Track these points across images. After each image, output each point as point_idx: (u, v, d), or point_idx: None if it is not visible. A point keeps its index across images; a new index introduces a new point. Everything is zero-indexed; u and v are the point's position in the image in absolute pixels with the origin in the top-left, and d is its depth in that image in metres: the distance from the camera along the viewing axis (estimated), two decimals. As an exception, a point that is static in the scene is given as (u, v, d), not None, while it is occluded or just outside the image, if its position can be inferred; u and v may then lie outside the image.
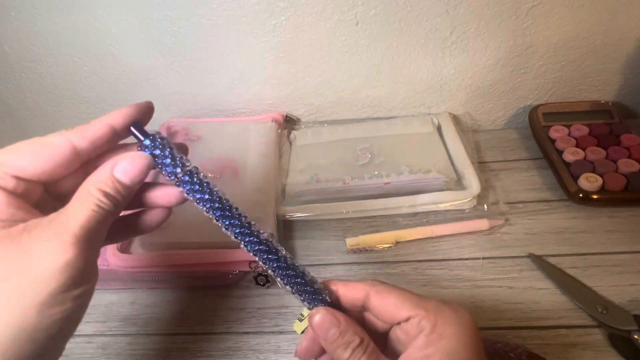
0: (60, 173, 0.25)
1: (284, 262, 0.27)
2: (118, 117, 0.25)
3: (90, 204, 0.23)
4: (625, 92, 0.61)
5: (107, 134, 0.25)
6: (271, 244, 0.27)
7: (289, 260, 0.27)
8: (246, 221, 0.26)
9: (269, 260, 0.27)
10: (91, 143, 0.25)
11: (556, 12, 0.53)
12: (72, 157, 0.24)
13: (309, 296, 0.27)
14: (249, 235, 0.26)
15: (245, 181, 0.51)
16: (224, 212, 0.26)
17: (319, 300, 0.27)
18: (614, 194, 0.48)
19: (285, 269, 0.27)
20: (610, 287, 0.41)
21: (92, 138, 0.25)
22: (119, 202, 0.24)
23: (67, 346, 0.43)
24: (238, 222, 0.26)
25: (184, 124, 0.61)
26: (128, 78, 0.61)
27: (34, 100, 0.64)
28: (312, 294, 0.27)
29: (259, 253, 0.27)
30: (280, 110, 0.64)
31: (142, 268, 0.44)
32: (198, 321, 0.43)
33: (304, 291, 0.27)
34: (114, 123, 0.25)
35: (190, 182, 0.26)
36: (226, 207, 0.26)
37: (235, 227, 0.26)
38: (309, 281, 0.27)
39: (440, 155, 0.55)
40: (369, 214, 0.51)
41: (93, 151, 0.25)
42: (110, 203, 0.23)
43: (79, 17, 0.55)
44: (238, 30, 0.55)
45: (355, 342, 0.26)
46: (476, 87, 0.60)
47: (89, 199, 0.23)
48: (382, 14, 0.53)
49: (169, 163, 0.25)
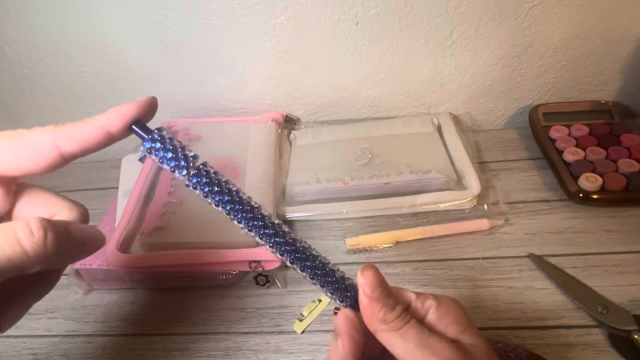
0: (39, 172, 0.22)
1: (313, 261, 0.26)
2: (115, 120, 0.22)
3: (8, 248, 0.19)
4: (625, 92, 0.61)
5: (99, 137, 0.22)
6: (294, 241, 0.25)
7: (318, 258, 0.26)
8: (269, 221, 0.25)
9: (296, 260, 0.26)
10: (79, 147, 0.22)
11: (556, 12, 0.53)
12: (55, 159, 0.21)
13: (340, 293, 0.27)
14: (275, 235, 0.25)
15: (245, 181, 0.51)
16: (245, 212, 0.24)
17: (350, 296, 0.27)
18: (614, 194, 0.48)
19: (314, 267, 0.26)
20: (610, 287, 0.41)
21: (81, 141, 0.21)
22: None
23: (67, 346, 0.43)
24: (262, 222, 0.24)
25: (184, 124, 0.61)
26: (128, 78, 0.61)
27: (34, 100, 0.64)
28: (344, 291, 0.27)
29: (286, 253, 0.25)
30: (280, 110, 0.64)
31: (142, 268, 0.44)
32: (198, 321, 0.43)
33: (336, 288, 0.27)
34: (110, 127, 0.22)
35: (200, 181, 0.23)
36: (246, 205, 0.24)
37: (259, 228, 0.24)
38: (339, 278, 0.27)
39: (440, 155, 0.55)
40: (369, 214, 0.51)
41: (80, 154, 0.22)
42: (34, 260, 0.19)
43: (79, 17, 0.55)
44: (238, 30, 0.55)
45: (400, 306, 0.25)
46: (476, 87, 0.60)
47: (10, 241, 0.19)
48: (382, 14, 0.53)
49: (174, 165, 0.23)
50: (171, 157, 0.23)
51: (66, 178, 0.65)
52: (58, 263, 0.22)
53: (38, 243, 0.19)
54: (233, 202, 0.24)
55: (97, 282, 0.47)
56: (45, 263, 0.20)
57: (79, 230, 0.22)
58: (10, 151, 0.21)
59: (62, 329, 0.44)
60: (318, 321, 0.42)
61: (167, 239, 0.46)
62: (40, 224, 0.19)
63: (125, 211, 0.49)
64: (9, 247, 0.18)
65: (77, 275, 0.46)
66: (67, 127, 0.21)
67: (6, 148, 0.21)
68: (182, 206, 0.49)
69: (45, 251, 0.19)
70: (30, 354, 0.42)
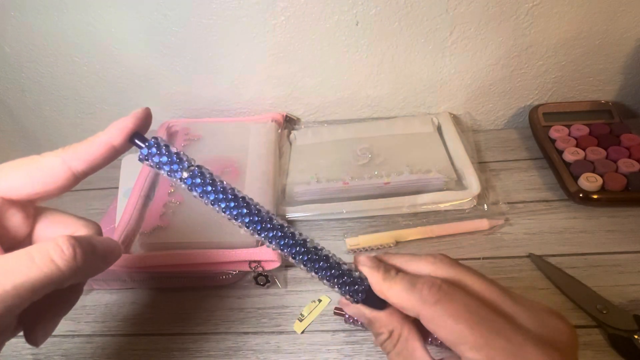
0: (55, 193, 0.24)
1: (315, 255, 0.26)
2: (116, 134, 0.23)
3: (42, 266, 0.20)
4: (625, 92, 0.61)
5: (105, 153, 0.24)
6: (296, 236, 0.26)
7: (321, 252, 0.26)
8: (267, 216, 0.25)
9: (297, 253, 0.26)
10: (89, 165, 0.23)
11: (556, 12, 0.53)
12: (68, 179, 0.23)
13: (347, 287, 0.26)
14: (272, 229, 0.25)
15: (245, 181, 0.51)
16: (241, 209, 0.25)
17: (359, 291, 0.26)
18: (614, 194, 0.48)
19: (318, 262, 0.26)
20: (610, 287, 0.41)
21: (90, 159, 0.23)
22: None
23: (67, 346, 0.43)
24: (258, 217, 0.25)
25: (184, 124, 0.61)
26: (128, 78, 0.61)
27: (34, 100, 0.64)
28: (350, 285, 0.26)
29: (286, 247, 0.25)
30: (280, 110, 0.64)
31: (142, 268, 0.44)
32: (198, 321, 0.43)
33: (342, 283, 0.26)
34: (113, 141, 0.23)
35: (195, 182, 0.25)
36: (241, 202, 0.25)
37: (255, 224, 0.25)
38: (346, 271, 0.26)
39: (440, 155, 0.55)
40: (369, 214, 0.51)
41: (91, 171, 0.24)
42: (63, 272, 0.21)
43: (79, 17, 0.55)
44: (238, 30, 0.55)
45: (382, 336, 0.24)
46: (476, 87, 0.60)
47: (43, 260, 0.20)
48: (382, 14, 0.53)
49: (168, 169, 0.25)
50: (166, 161, 0.24)
51: (66, 178, 0.65)
52: (85, 276, 0.24)
53: (69, 259, 0.21)
54: (228, 200, 0.24)
55: (97, 282, 0.47)
56: (76, 277, 0.22)
57: (101, 243, 0.24)
58: (25, 177, 0.23)
59: (62, 329, 0.44)
60: (318, 321, 0.42)
61: (167, 239, 0.46)
62: (68, 241, 0.21)
63: (125, 211, 0.49)
64: (46, 266, 0.20)
65: (77, 275, 0.46)
66: (75, 148, 0.23)
67: (21, 174, 0.23)
68: (182, 206, 0.49)
69: (76, 265, 0.21)
70: (30, 354, 0.42)
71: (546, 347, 0.20)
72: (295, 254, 0.26)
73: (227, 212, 0.25)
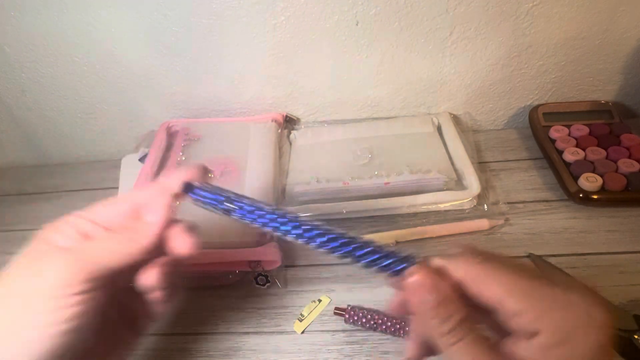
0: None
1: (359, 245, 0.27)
2: (175, 183, 0.29)
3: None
4: (625, 92, 0.61)
5: (168, 201, 0.29)
6: (336, 232, 0.29)
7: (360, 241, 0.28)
8: (312, 223, 0.29)
9: (339, 250, 0.28)
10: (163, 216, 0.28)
11: (556, 12, 0.53)
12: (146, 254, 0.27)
13: (395, 266, 0.25)
14: (319, 235, 0.29)
15: (245, 181, 0.51)
16: (262, 215, 0.28)
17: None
18: (614, 194, 0.48)
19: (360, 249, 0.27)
20: (610, 287, 0.41)
21: (160, 210, 0.28)
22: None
23: (67, 346, 0.43)
24: (296, 222, 0.29)
25: (184, 124, 0.61)
26: (128, 78, 0.61)
27: (34, 100, 0.64)
28: (400, 262, 0.25)
29: (333, 249, 0.28)
30: (280, 110, 0.64)
31: (142, 268, 0.44)
32: (198, 321, 0.43)
33: (388, 266, 0.25)
34: (171, 190, 0.29)
35: (235, 211, 0.29)
36: (257, 209, 0.28)
37: (304, 235, 0.29)
38: (391, 252, 0.25)
39: (440, 155, 0.55)
40: (369, 214, 0.51)
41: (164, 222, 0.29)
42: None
43: (79, 17, 0.55)
44: (238, 30, 0.55)
45: (456, 317, 0.21)
46: (476, 87, 0.60)
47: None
48: (382, 14, 0.53)
49: (217, 208, 0.30)
50: (210, 198, 0.30)
51: (66, 178, 0.66)
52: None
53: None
54: (252, 212, 0.29)
55: (97, 282, 0.47)
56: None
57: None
58: (119, 256, 0.27)
59: (62, 329, 0.44)
60: (318, 321, 0.42)
61: (167, 239, 0.46)
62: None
63: (125, 211, 0.49)
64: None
65: (77, 275, 0.46)
66: (150, 205, 0.28)
67: (118, 254, 0.27)
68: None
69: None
70: (30, 354, 0.42)
71: (587, 305, 0.21)
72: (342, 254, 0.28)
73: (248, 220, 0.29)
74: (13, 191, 0.65)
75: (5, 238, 0.56)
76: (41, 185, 0.65)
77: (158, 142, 0.57)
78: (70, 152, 0.71)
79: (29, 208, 0.61)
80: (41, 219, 0.62)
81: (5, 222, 0.59)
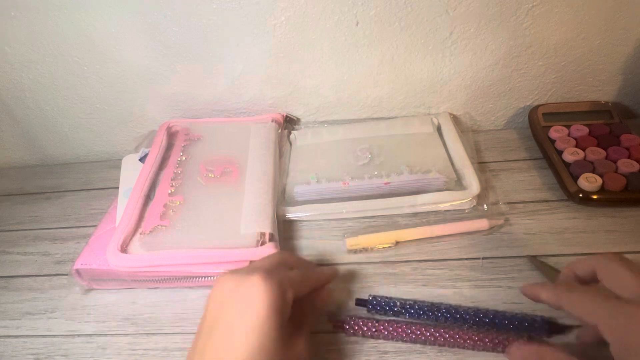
0: None
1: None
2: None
3: None
4: (625, 92, 0.61)
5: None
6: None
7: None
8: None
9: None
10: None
11: (556, 12, 0.53)
12: None
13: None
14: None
15: (245, 181, 0.51)
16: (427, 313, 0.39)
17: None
18: (614, 194, 0.48)
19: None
20: (610, 287, 0.41)
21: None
22: None
23: (67, 346, 0.43)
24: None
25: (184, 124, 0.61)
26: (128, 78, 0.61)
27: (34, 100, 0.64)
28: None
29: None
30: (280, 110, 0.64)
31: (142, 268, 0.44)
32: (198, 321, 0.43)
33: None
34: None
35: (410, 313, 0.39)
36: (427, 309, 0.39)
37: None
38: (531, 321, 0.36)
39: (440, 155, 0.55)
40: (369, 214, 0.51)
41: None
42: None
43: (79, 17, 0.55)
44: (238, 30, 0.56)
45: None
46: (476, 87, 0.60)
47: None
48: (382, 14, 0.53)
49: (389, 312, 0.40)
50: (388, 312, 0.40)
51: (66, 178, 0.66)
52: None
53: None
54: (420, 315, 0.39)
55: (97, 282, 0.47)
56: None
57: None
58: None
59: (62, 329, 0.44)
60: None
61: (167, 239, 0.46)
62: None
63: (125, 211, 0.49)
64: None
65: (77, 275, 0.46)
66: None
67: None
68: (182, 206, 0.49)
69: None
70: (30, 354, 0.42)
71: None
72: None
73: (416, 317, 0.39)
74: (13, 191, 0.65)
75: (5, 238, 0.56)
76: (41, 185, 0.65)
77: (158, 142, 0.57)
78: (70, 152, 0.71)
79: (29, 208, 0.61)
80: (41, 219, 0.63)
81: (5, 222, 0.59)
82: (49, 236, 0.55)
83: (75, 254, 0.48)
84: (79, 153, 0.71)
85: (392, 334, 0.38)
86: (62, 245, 0.54)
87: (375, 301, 0.40)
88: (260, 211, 0.47)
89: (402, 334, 0.38)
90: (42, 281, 0.50)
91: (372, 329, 0.39)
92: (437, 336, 0.37)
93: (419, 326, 0.38)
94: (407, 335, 0.38)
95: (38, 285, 0.49)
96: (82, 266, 0.45)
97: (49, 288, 0.49)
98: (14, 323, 0.45)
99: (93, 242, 0.48)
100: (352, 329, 0.39)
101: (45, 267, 0.51)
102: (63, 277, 0.50)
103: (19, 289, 0.49)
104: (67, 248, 0.53)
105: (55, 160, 0.72)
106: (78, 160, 0.71)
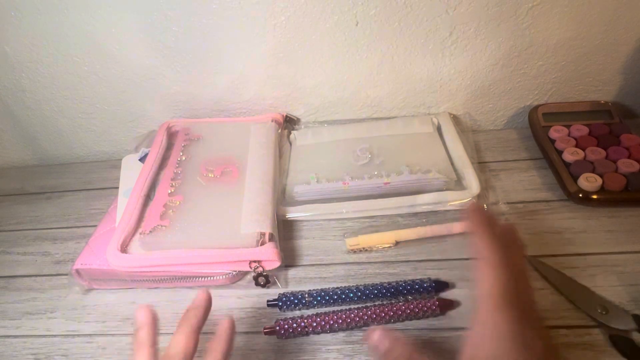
0: None
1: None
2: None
3: None
4: (625, 92, 0.61)
5: None
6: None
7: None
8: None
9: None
10: None
11: (556, 12, 0.53)
12: None
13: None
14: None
15: (245, 181, 0.51)
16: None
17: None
18: (614, 194, 0.48)
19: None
20: (610, 287, 0.41)
21: None
22: None
23: (67, 346, 0.43)
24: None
25: (184, 124, 0.61)
26: (128, 78, 0.61)
27: (34, 100, 0.64)
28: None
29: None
30: (280, 110, 0.64)
31: (142, 268, 0.44)
32: (198, 321, 0.43)
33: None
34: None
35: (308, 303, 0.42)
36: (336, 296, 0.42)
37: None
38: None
39: (440, 155, 0.55)
40: (369, 214, 0.51)
41: None
42: None
43: (79, 16, 0.55)
44: (238, 30, 0.56)
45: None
46: (476, 87, 0.60)
47: None
48: (382, 14, 0.53)
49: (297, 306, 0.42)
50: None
51: (66, 178, 0.66)
52: None
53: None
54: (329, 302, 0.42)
55: (97, 282, 0.47)
56: None
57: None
58: None
59: (62, 329, 0.44)
60: (318, 321, 0.42)
61: (167, 239, 0.46)
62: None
63: (125, 211, 0.49)
64: None
65: (77, 275, 0.46)
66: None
67: None
68: (182, 206, 0.49)
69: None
70: (30, 354, 0.42)
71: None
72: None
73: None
74: (13, 191, 0.65)
75: (5, 238, 0.56)
76: (41, 185, 0.65)
77: (158, 142, 0.57)
78: (70, 152, 0.71)
79: (29, 208, 0.61)
80: (41, 219, 0.63)
81: (5, 222, 0.59)
82: (49, 236, 0.55)
83: (75, 254, 0.48)
84: (79, 153, 0.71)
85: (321, 324, 0.39)
86: (62, 245, 0.54)
87: (285, 297, 0.42)
88: (260, 211, 0.47)
89: (329, 321, 0.39)
90: (42, 281, 0.50)
91: (302, 324, 0.39)
92: (362, 315, 0.40)
93: (346, 311, 0.40)
94: (335, 321, 0.39)
95: (38, 285, 0.49)
96: (82, 266, 0.45)
97: (48, 288, 0.49)
98: (14, 323, 0.45)
99: (93, 242, 0.48)
100: (283, 329, 0.40)
101: (45, 267, 0.51)
102: (63, 277, 0.50)
103: (19, 289, 0.49)
104: (67, 248, 0.53)
105: (55, 160, 0.72)
106: (78, 160, 0.71)
